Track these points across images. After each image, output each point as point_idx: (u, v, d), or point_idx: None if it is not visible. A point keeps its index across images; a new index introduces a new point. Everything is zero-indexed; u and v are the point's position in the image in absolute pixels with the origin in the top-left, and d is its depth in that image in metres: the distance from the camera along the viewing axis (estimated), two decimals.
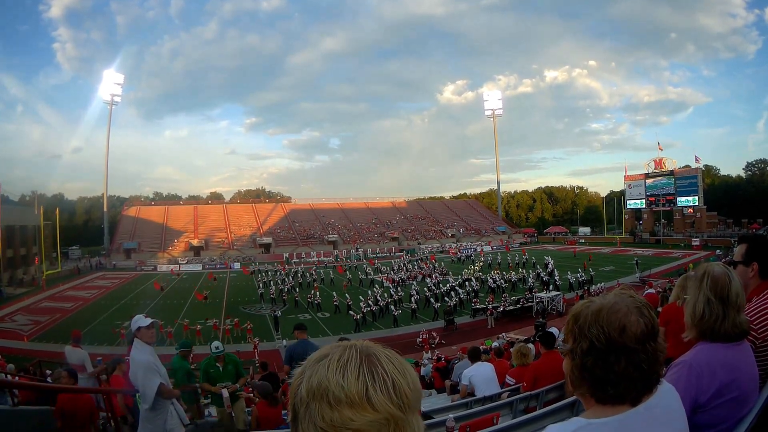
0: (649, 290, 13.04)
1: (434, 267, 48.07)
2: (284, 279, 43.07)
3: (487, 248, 70.03)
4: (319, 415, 0.75)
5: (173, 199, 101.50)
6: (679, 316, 2.05)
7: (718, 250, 48.17)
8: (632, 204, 78.92)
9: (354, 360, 0.79)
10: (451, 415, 4.72)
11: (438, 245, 74.44)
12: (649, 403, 1.17)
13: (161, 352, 5.90)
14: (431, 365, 14.66)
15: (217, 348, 7.17)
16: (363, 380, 0.75)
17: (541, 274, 38.63)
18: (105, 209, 79.99)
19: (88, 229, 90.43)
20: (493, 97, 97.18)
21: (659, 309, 5.77)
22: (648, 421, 1.15)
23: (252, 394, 7.67)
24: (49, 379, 8.76)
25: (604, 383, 1.16)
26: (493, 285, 35.71)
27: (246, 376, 7.91)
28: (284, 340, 24.63)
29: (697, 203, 69.20)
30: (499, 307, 28.92)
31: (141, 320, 5.01)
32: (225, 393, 6.75)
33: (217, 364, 7.13)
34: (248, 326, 26.84)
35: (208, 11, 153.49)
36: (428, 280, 39.23)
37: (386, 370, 0.78)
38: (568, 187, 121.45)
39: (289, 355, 7.50)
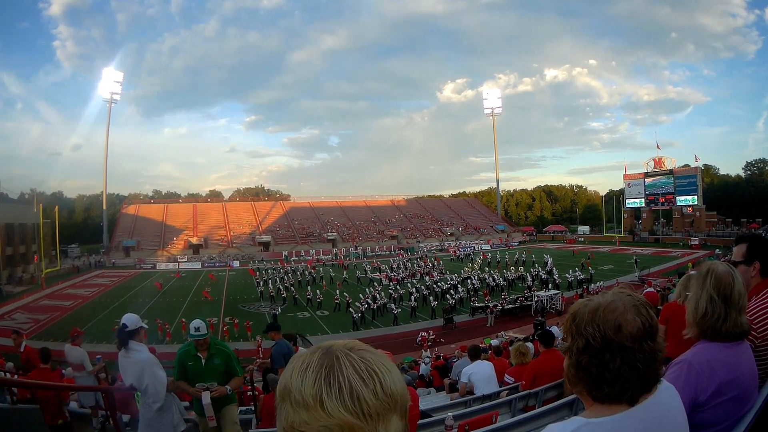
0: (649, 289, 13.06)
1: (433, 265, 48.13)
2: (283, 277, 43.12)
3: (486, 246, 70.17)
4: (284, 415, 0.78)
5: (172, 197, 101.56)
6: (680, 315, 2.05)
7: (717, 250, 48.20)
8: (631, 203, 78.96)
9: (315, 364, 0.79)
10: (450, 414, 4.73)
11: (437, 243, 74.49)
12: (647, 402, 1.16)
13: (162, 351, 5.92)
14: (430, 363, 14.66)
15: (197, 330, 5.01)
16: (319, 386, 0.75)
17: (540, 273, 38.71)
18: (104, 207, 79.86)
19: (88, 227, 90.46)
20: (492, 96, 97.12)
21: (659, 307, 5.78)
22: (646, 421, 1.15)
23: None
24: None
25: (600, 382, 1.15)
26: (492, 284, 35.81)
27: (242, 376, 5.81)
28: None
29: (696, 202, 69.22)
30: (498, 305, 28.97)
31: (140, 321, 5.00)
32: (206, 398, 4.88)
33: (198, 355, 5.03)
34: (247, 324, 26.82)
35: (209, 9, 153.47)
36: (427, 278, 39.30)
37: (345, 376, 0.76)
38: (567, 185, 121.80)
39: (280, 357, 6.88)
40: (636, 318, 1.17)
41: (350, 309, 29.33)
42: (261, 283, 39.49)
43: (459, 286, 34.60)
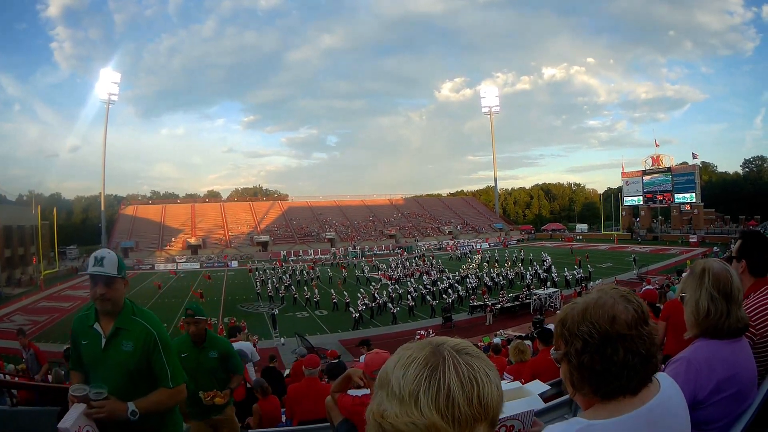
0: (647, 287, 13.06)
1: (431, 264, 48.16)
2: (281, 277, 43.12)
3: (485, 245, 70.17)
4: (377, 401, 0.80)
5: (170, 198, 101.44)
6: (681, 313, 2.05)
7: (715, 247, 48.26)
8: (629, 201, 79.01)
9: (419, 360, 0.80)
10: None
11: (435, 242, 74.48)
12: (650, 404, 1.16)
13: None
14: None
15: (98, 261, 2.64)
16: (418, 383, 0.77)
17: (539, 271, 38.74)
18: (102, 208, 79.60)
19: (86, 229, 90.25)
20: (490, 94, 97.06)
21: (659, 305, 5.79)
22: (650, 422, 1.14)
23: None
24: (49, 377, 8.75)
25: (608, 376, 1.15)
26: (490, 282, 35.84)
27: (176, 389, 2.74)
28: (282, 338, 24.64)
29: (694, 200, 69.18)
30: (496, 304, 28.99)
31: None
32: (68, 418, 2.26)
33: (96, 327, 2.70)
34: (242, 324, 26.80)
35: (206, 8, 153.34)
36: (425, 277, 39.32)
37: (445, 379, 0.77)
38: (565, 183, 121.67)
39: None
40: (627, 306, 1.18)
41: (349, 308, 29.34)
42: (259, 283, 39.49)
43: (457, 284, 34.64)
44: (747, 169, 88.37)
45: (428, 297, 31.96)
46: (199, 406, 4.18)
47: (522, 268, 41.83)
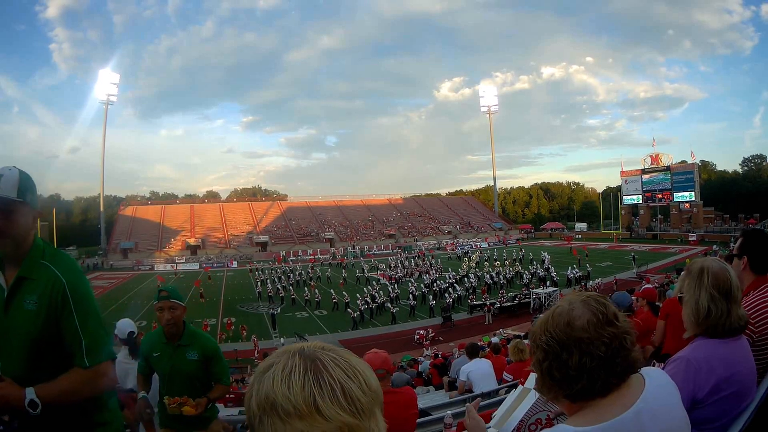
0: (647, 285, 13.06)
1: (430, 264, 48.12)
2: (281, 277, 43.13)
3: (484, 244, 70.21)
4: (271, 429, 0.71)
5: (170, 198, 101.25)
6: (680, 310, 2.04)
7: (714, 245, 48.25)
8: (629, 200, 78.95)
9: (298, 368, 0.73)
10: (449, 412, 4.70)
11: (435, 242, 74.46)
12: (636, 407, 1.12)
13: None
14: (429, 361, 14.68)
15: None
16: (309, 390, 0.71)
17: (538, 270, 38.75)
18: (101, 209, 79.65)
19: (85, 229, 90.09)
20: (489, 93, 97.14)
21: (659, 303, 5.77)
22: (638, 427, 1.11)
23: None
24: None
25: (567, 381, 1.15)
26: (490, 281, 35.83)
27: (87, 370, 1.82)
28: (281, 339, 24.63)
29: (693, 199, 69.15)
30: (496, 303, 29.01)
31: (134, 324, 4.95)
32: None
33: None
34: (242, 327, 26.81)
35: (205, 9, 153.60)
36: (425, 276, 39.32)
37: (333, 376, 0.73)
38: (564, 183, 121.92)
39: None
40: (585, 310, 1.17)
41: (349, 308, 29.35)
42: (259, 283, 39.48)
43: (457, 284, 34.63)
44: (746, 168, 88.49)
45: (429, 296, 31.99)
46: (171, 415, 3.25)
47: (521, 267, 41.82)
